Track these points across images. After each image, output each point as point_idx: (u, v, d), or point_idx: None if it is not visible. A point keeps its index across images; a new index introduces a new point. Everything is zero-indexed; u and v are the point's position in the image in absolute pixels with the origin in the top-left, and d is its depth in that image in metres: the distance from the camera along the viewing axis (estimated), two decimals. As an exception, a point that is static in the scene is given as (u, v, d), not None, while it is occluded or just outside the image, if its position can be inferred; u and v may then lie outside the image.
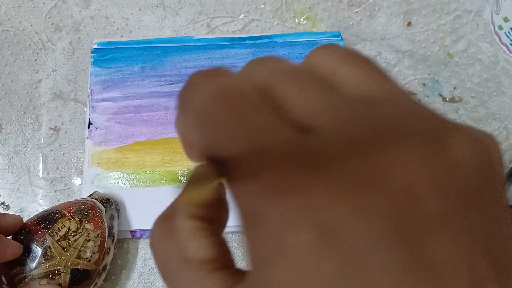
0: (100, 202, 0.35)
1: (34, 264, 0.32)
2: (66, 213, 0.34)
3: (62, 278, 0.32)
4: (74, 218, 0.34)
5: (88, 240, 0.33)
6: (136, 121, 0.39)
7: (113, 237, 0.36)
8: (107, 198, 0.36)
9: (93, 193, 0.37)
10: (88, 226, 0.34)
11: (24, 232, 0.33)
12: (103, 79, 0.40)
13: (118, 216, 0.36)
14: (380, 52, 0.42)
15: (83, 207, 0.35)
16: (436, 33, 0.42)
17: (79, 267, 0.33)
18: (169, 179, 0.38)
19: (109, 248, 0.35)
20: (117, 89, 0.40)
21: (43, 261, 0.32)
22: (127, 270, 0.38)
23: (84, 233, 0.34)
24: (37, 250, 0.33)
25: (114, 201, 0.37)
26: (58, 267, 0.32)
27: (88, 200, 0.36)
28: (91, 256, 0.33)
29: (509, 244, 0.12)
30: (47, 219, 0.34)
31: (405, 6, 0.43)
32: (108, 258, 0.35)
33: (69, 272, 0.33)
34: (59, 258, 0.32)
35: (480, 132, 0.13)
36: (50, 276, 0.32)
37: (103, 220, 0.35)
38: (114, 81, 0.40)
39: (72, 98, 0.41)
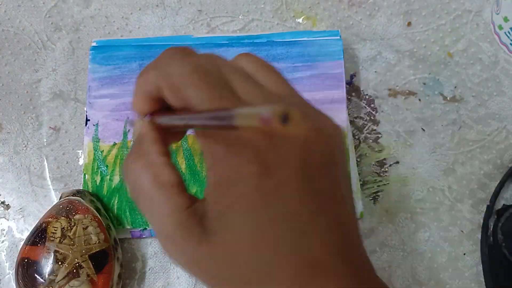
0: (73, 196, 0.36)
1: (54, 275, 0.32)
2: (50, 219, 0.34)
3: (86, 268, 0.33)
4: (60, 218, 0.34)
5: (86, 227, 0.34)
6: (133, 118, 0.39)
7: (106, 215, 0.36)
8: (76, 190, 0.36)
9: (61, 194, 0.37)
10: (77, 216, 0.34)
11: (26, 264, 0.33)
12: (101, 76, 0.40)
13: (97, 198, 0.37)
14: (380, 51, 0.42)
15: (61, 206, 0.35)
16: (436, 33, 0.42)
17: (94, 251, 0.33)
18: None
19: (109, 224, 0.35)
20: (115, 86, 0.40)
21: (59, 266, 0.32)
22: (127, 270, 0.38)
23: (78, 223, 0.33)
24: (47, 264, 0.32)
25: (83, 190, 0.37)
26: (76, 261, 0.32)
27: (61, 200, 0.36)
28: (97, 238, 0.34)
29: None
30: (37, 235, 0.33)
31: (405, 6, 0.43)
32: (113, 233, 0.35)
33: (88, 259, 0.33)
34: (71, 253, 0.32)
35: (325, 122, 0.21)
36: (75, 271, 0.32)
37: (86, 206, 0.35)
38: (112, 78, 0.40)
39: (72, 98, 0.41)
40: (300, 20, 0.43)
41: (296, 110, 0.14)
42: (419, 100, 0.41)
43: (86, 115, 0.39)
